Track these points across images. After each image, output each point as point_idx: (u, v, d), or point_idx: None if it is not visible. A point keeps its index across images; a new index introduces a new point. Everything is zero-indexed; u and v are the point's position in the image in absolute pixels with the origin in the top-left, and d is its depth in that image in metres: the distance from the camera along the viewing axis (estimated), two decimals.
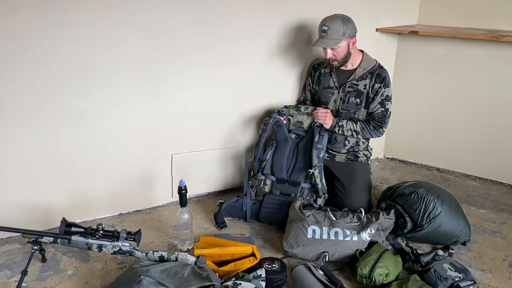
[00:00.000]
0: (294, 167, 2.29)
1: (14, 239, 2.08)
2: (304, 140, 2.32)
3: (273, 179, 2.29)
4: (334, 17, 2.19)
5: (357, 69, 2.30)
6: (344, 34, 2.17)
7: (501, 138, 2.75)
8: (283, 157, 2.29)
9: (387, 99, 2.29)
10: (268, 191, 2.28)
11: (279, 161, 2.29)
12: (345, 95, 2.32)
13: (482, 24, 2.84)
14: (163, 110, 2.27)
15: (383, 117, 2.31)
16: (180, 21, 2.15)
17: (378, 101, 2.29)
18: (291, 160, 2.31)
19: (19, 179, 2.03)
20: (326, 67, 2.40)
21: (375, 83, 2.27)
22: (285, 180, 2.27)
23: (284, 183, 2.27)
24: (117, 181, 2.28)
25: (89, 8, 1.93)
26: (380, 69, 2.30)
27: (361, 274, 1.79)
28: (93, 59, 2.01)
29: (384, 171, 3.02)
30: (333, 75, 2.37)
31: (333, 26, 2.16)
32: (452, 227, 2.04)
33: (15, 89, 1.90)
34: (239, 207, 2.26)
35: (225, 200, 2.26)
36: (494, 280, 1.89)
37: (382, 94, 2.28)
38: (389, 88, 2.29)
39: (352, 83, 2.30)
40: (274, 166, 2.29)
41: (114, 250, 1.74)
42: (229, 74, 2.40)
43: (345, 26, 2.17)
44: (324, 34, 2.18)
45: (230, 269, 1.80)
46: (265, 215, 2.25)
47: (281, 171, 2.28)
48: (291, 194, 2.25)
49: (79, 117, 2.07)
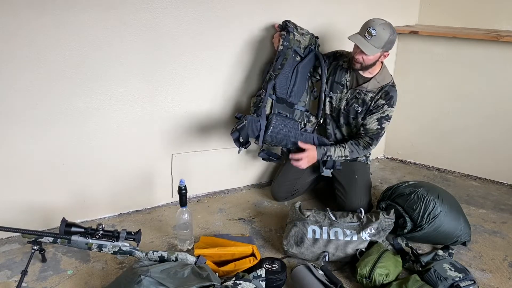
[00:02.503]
0: (293, 89, 2.21)
1: (14, 239, 2.08)
2: (304, 63, 2.22)
3: (273, 98, 2.19)
4: (385, 25, 2.06)
5: (371, 79, 2.24)
6: (384, 47, 2.08)
7: (501, 138, 2.75)
8: (286, 76, 2.19)
9: (386, 118, 2.24)
10: (268, 111, 2.17)
11: (282, 80, 2.18)
12: (351, 99, 2.28)
13: (482, 24, 2.84)
14: (163, 110, 2.27)
15: (376, 135, 2.26)
16: (180, 21, 2.15)
17: (376, 117, 2.23)
18: (290, 80, 2.20)
19: (19, 179, 2.03)
20: (345, 62, 2.30)
21: (380, 99, 2.22)
22: (284, 100, 2.20)
23: (282, 103, 2.20)
24: (117, 181, 2.28)
25: (89, 8, 1.92)
26: (391, 87, 2.23)
27: (361, 274, 1.79)
28: (93, 59, 2.01)
29: (384, 171, 3.02)
30: (348, 74, 2.28)
31: (380, 35, 2.04)
32: (452, 227, 2.04)
33: (15, 89, 1.90)
34: (254, 127, 2.09)
35: (239, 117, 2.12)
36: (494, 280, 1.89)
37: (384, 112, 2.23)
38: (392, 109, 2.24)
39: (362, 90, 2.24)
40: (277, 84, 2.17)
41: (114, 250, 1.74)
42: (229, 74, 2.40)
43: (390, 39, 2.07)
44: (368, 36, 2.04)
45: (230, 269, 1.80)
46: (272, 136, 2.13)
47: (283, 90, 2.19)
48: (287, 115, 2.21)
49: (79, 117, 2.07)
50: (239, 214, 2.39)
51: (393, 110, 2.25)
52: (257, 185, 2.73)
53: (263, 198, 2.59)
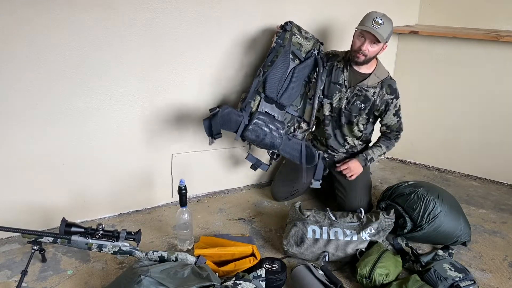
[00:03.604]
0: (286, 91, 2.16)
1: (14, 239, 2.08)
2: (302, 66, 2.16)
3: (262, 96, 2.14)
4: (386, 17, 2.12)
5: (371, 75, 2.25)
6: (387, 38, 2.14)
7: (501, 138, 2.75)
8: (277, 77, 2.12)
9: (399, 109, 2.32)
10: (253, 108, 2.11)
11: (273, 79, 2.11)
12: (352, 97, 2.28)
13: (482, 24, 2.84)
14: (163, 110, 2.27)
15: (399, 126, 2.36)
16: (180, 20, 2.15)
17: (392, 113, 2.30)
18: (283, 82, 2.14)
19: (19, 179, 2.03)
20: (340, 62, 2.31)
21: (386, 94, 2.25)
22: (273, 100, 2.15)
23: (272, 103, 2.15)
24: (117, 181, 2.28)
25: (89, 7, 1.92)
26: (391, 80, 2.27)
27: (361, 274, 1.79)
28: (93, 59, 2.01)
29: (384, 171, 3.02)
30: (345, 72, 2.28)
31: (386, 25, 2.10)
32: (452, 227, 2.04)
33: (15, 89, 1.90)
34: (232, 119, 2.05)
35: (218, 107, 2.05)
36: (494, 280, 1.90)
37: (396, 106, 2.29)
38: (399, 99, 2.30)
39: (362, 87, 2.25)
40: (267, 83, 2.11)
41: (114, 250, 1.74)
42: (229, 74, 2.40)
43: (391, 31, 2.15)
44: (376, 26, 2.07)
45: (230, 269, 1.80)
46: (252, 132, 2.06)
47: (273, 90, 2.12)
48: (275, 116, 2.15)
49: (79, 117, 2.07)
50: (239, 214, 2.39)
51: (400, 99, 2.32)
52: (257, 185, 2.73)
53: (263, 198, 2.59)
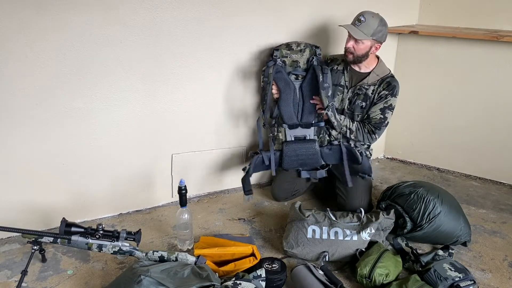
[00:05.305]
0: (303, 109, 2.26)
1: (14, 239, 2.08)
2: (307, 80, 2.25)
3: (285, 127, 2.26)
4: (374, 14, 2.16)
5: (370, 74, 2.27)
6: (374, 35, 2.14)
7: (501, 138, 2.75)
8: (290, 103, 2.24)
9: (390, 108, 2.26)
10: (283, 139, 2.26)
11: (287, 108, 2.24)
12: (353, 97, 2.30)
13: (482, 24, 2.83)
14: (163, 110, 2.28)
15: (379, 124, 2.28)
16: (180, 21, 2.15)
17: (379, 107, 2.26)
18: (297, 103, 2.26)
19: (19, 179, 2.03)
20: (340, 64, 2.35)
21: (383, 90, 2.25)
22: (297, 124, 2.26)
23: (296, 128, 2.26)
24: (117, 181, 2.28)
25: (89, 8, 1.93)
26: (391, 78, 2.27)
27: (361, 274, 1.79)
28: (93, 59, 2.01)
29: (384, 171, 3.02)
30: (345, 73, 2.32)
31: (369, 22, 2.13)
32: (452, 227, 2.04)
33: (15, 89, 1.90)
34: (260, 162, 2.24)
35: (249, 163, 2.23)
36: (494, 280, 1.89)
37: (387, 102, 2.25)
38: (395, 99, 2.26)
39: (363, 86, 2.27)
40: (283, 114, 2.24)
41: (114, 250, 1.74)
42: (229, 74, 2.40)
43: (379, 28, 2.15)
44: (358, 23, 2.13)
45: (230, 269, 1.80)
46: (288, 162, 2.23)
47: (291, 117, 2.25)
48: (306, 136, 2.25)
49: (79, 117, 2.07)
50: (239, 214, 2.39)
51: (396, 100, 2.28)
52: (257, 185, 2.73)
53: (263, 198, 2.59)
